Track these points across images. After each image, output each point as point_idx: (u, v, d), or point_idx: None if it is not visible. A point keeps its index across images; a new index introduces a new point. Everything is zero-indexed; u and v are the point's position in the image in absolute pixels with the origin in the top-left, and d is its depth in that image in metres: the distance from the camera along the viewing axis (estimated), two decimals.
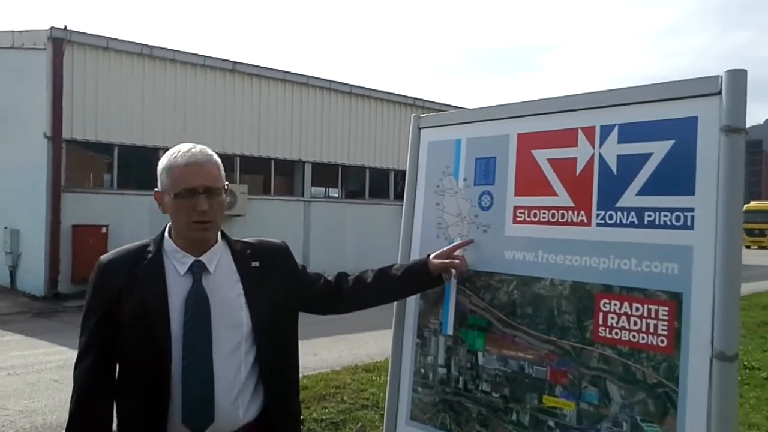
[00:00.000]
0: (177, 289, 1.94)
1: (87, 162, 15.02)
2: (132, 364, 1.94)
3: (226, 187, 2.02)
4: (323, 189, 20.46)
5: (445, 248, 2.36)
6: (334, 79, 18.05)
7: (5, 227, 14.45)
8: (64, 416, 1.98)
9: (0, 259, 14.65)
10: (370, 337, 9.44)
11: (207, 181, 1.94)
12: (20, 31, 14.41)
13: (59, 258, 13.24)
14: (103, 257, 2.05)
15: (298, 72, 17.34)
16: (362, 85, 18.72)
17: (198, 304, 1.93)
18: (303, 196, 17.64)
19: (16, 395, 6.77)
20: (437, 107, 19.93)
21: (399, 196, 19.61)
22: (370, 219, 18.73)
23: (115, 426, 2.00)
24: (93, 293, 2.00)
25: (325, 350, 8.67)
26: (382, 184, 19.54)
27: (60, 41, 13.20)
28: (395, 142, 19.44)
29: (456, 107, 20.30)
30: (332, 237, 17.73)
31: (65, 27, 13.20)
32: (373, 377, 7.10)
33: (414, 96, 19.85)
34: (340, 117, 18.26)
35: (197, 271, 1.97)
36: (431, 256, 2.34)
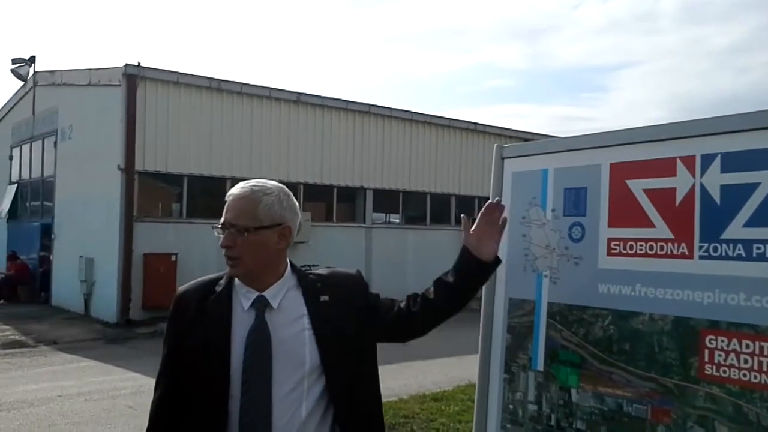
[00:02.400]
0: (240, 324, 1.93)
1: (158, 192, 15.50)
2: (193, 397, 1.94)
3: (260, 226, 1.92)
4: (384, 215, 20.52)
5: (470, 230, 2.16)
6: (394, 107, 18.17)
7: (81, 256, 14.99)
8: None
9: (75, 287, 15.18)
10: (435, 365, 9.34)
11: (231, 217, 1.92)
12: (96, 69, 15.09)
13: (131, 285, 13.62)
14: (181, 288, 2.08)
15: (360, 101, 17.56)
16: (422, 111, 18.80)
17: (259, 340, 1.91)
18: (364, 222, 17.74)
19: (93, 421, 6.96)
20: (498, 132, 19.82)
21: (459, 221, 19.48)
22: (430, 244, 18.64)
23: None
24: (168, 324, 2.05)
25: (390, 378, 8.59)
26: (442, 210, 19.47)
27: (134, 77, 13.74)
28: (456, 168, 19.39)
29: (518, 131, 20.15)
30: (394, 262, 17.71)
31: (139, 63, 13.76)
32: (442, 406, 7.01)
33: (475, 121, 19.79)
34: (400, 143, 18.35)
35: (260, 306, 1.95)
36: (465, 241, 2.16)
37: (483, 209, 2.17)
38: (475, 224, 2.16)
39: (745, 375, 1.80)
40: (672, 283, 1.99)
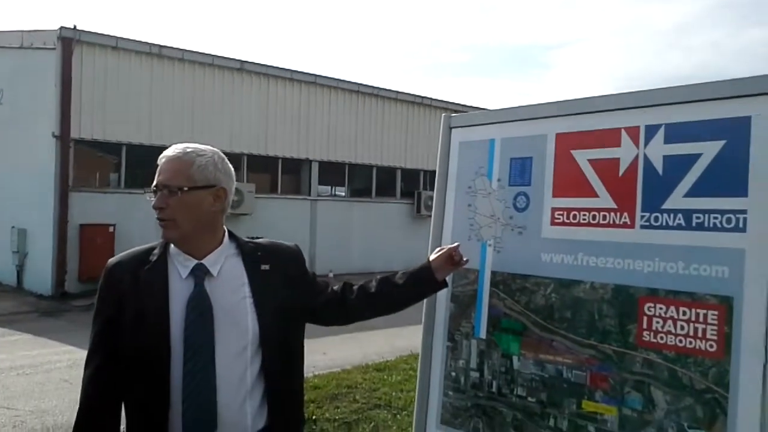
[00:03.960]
0: (179, 293, 1.89)
1: (95, 161, 15.00)
2: (133, 370, 1.89)
3: (194, 186, 1.89)
4: (330, 187, 20.44)
5: (445, 248, 2.28)
6: (341, 78, 18.01)
7: (12, 227, 14.40)
8: (74, 417, 1.95)
9: (7, 258, 14.60)
10: (379, 336, 9.40)
11: (163, 178, 1.89)
12: (29, 31, 14.36)
13: (66, 257, 13.21)
14: (111, 260, 2.01)
15: (306, 71, 17.31)
16: (369, 84, 18.68)
17: (200, 308, 1.87)
18: (310, 194, 17.60)
19: (26, 395, 6.75)
20: (444, 106, 19.86)
21: (405, 194, 19.58)
22: (376, 217, 18.69)
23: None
24: (99, 296, 1.98)
25: (334, 349, 8.64)
26: (388, 183, 19.49)
27: (69, 41, 13.16)
28: (402, 141, 19.40)
29: (467, 106, 20.25)
30: (339, 235, 17.69)
31: (74, 27, 13.16)
32: (385, 376, 7.07)
33: (422, 95, 19.79)
34: (347, 115, 18.21)
35: (199, 274, 1.91)
36: (431, 258, 2.28)
37: (455, 250, 2.28)
38: (443, 250, 2.28)
39: (681, 341, 1.85)
40: (613, 252, 2.02)
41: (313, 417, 5.58)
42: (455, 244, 2.30)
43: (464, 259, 2.28)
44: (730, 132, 1.81)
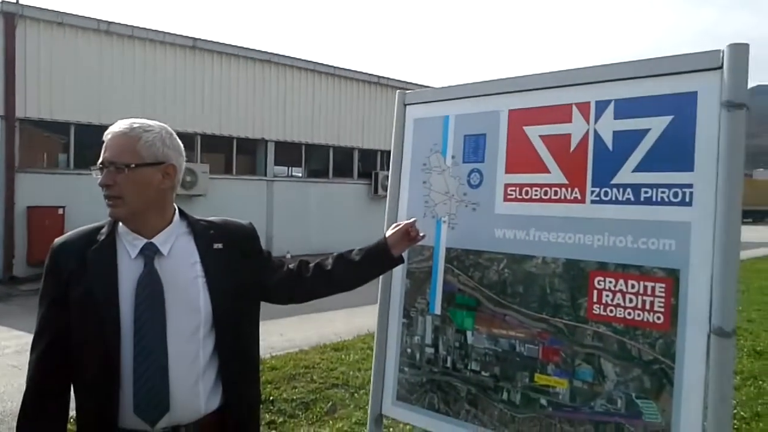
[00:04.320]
0: (128, 273, 1.85)
1: (42, 141, 14.55)
2: (82, 352, 1.85)
3: (141, 163, 1.84)
4: (286, 168, 20.26)
5: (401, 224, 2.28)
6: (297, 56, 17.78)
7: None
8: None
9: None
10: (336, 316, 9.41)
11: (110, 155, 1.83)
12: None
13: (14, 241, 12.83)
14: (57, 240, 1.95)
15: (261, 49, 17.04)
16: (326, 63, 18.50)
17: (150, 288, 1.84)
18: (266, 175, 17.41)
19: None
20: (401, 85, 19.81)
21: (363, 175, 19.54)
22: (333, 198, 18.62)
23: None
24: (45, 277, 1.92)
25: (291, 330, 8.61)
26: (346, 163, 19.42)
27: (11, 15, 12.64)
28: (359, 121, 19.31)
29: (423, 85, 20.24)
30: (296, 216, 17.58)
31: (17, 1, 12.67)
32: (343, 356, 7.08)
33: (378, 74, 19.70)
34: (303, 95, 18.02)
35: (149, 254, 1.87)
36: (387, 234, 2.27)
37: (412, 225, 2.28)
38: (399, 227, 2.27)
39: (629, 314, 1.89)
40: (565, 227, 2.05)
41: (271, 398, 5.56)
42: (412, 219, 2.29)
43: (420, 234, 2.28)
44: (677, 107, 1.84)
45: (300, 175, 19.19)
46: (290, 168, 20.35)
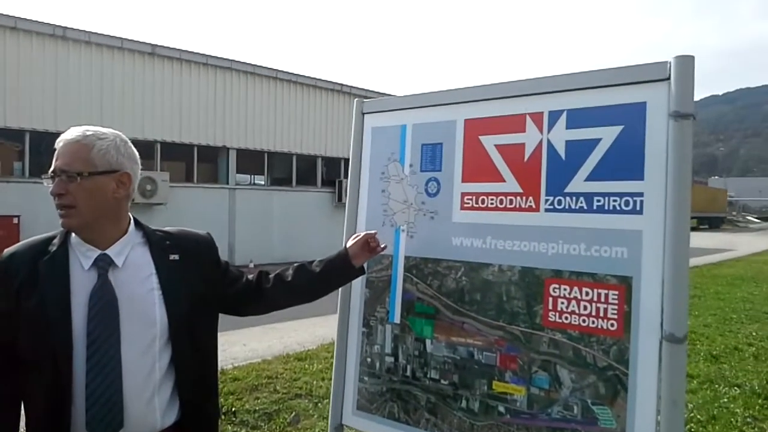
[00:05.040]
0: (81, 285, 1.80)
1: None
2: (32, 366, 1.80)
3: (95, 171, 1.81)
4: (249, 176, 20.10)
5: (361, 235, 2.29)
6: (258, 64, 17.69)
7: None
8: None
9: None
10: (300, 325, 9.34)
11: (62, 163, 1.80)
12: None
13: None
14: (6, 250, 1.90)
15: (221, 56, 16.90)
16: (288, 70, 18.44)
17: (103, 300, 1.79)
18: (228, 183, 17.26)
19: None
20: (364, 94, 19.84)
21: (326, 183, 19.50)
22: (297, 206, 18.55)
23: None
24: None
25: (254, 340, 8.52)
26: (309, 171, 19.35)
27: None
28: (322, 128, 19.29)
29: (385, 94, 20.30)
30: (259, 225, 17.46)
31: None
32: (306, 366, 7.03)
33: (341, 82, 19.71)
34: (265, 103, 17.93)
35: (102, 265, 1.83)
36: (348, 245, 2.29)
37: (372, 236, 2.30)
38: (358, 238, 2.29)
39: (584, 321, 1.91)
40: (520, 235, 2.07)
41: (233, 409, 5.49)
42: (372, 231, 2.30)
43: (381, 245, 2.28)
44: (627, 117, 1.87)
45: (263, 183, 19.07)
46: (253, 176, 20.22)
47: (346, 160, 19.25)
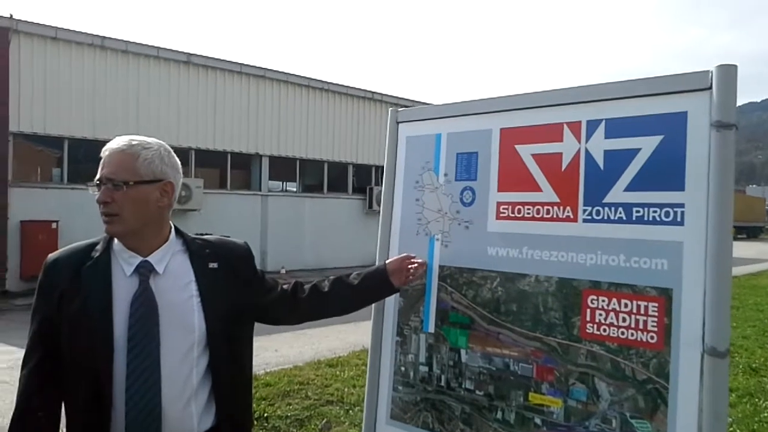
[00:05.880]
0: (123, 291, 1.84)
1: (36, 156, 14.53)
2: (74, 370, 1.84)
3: (140, 180, 1.84)
4: (281, 183, 20.26)
5: (397, 257, 2.34)
6: (291, 72, 17.85)
7: None
8: None
9: None
10: (330, 332, 9.38)
11: (108, 172, 1.83)
12: None
13: (7, 255, 12.78)
14: (50, 256, 1.94)
15: (255, 65, 17.11)
16: (320, 78, 18.57)
17: (144, 307, 1.83)
18: (260, 190, 17.42)
19: None
20: (395, 101, 19.90)
21: (357, 190, 19.57)
22: (328, 213, 18.64)
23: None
24: (38, 293, 1.91)
25: (285, 346, 8.58)
26: (340, 178, 19.44)
27: (6, 30, 12.69)
28: (353, 136, 19.38)
29: (416, 101, 20.32)
30: (290, 231, 17.57)
31: (11, 15, 12.72)
32: (337, 372, 7.05)
33: (372, 90, 19.80)
34: (297, 110, 18.08)
35: (144, 272, 1.86)
36: (387, 262, 2.32)
37: (412, 260, 2.35)
38: (397, 257, 2.35)
39: (623, 333, 1.88)
40: (557, 245, 2.05)
41: (265, 414, 5.53)
42: (413, 255, 2.36)
43: (416, 273, 2.34)
44: (667, 127, 1.84)
45: (294, 189, 19.22)
46: (285, 183, 20.38)
47: (377, 167, 19.48)
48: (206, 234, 2.12)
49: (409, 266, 2.31)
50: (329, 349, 8.41)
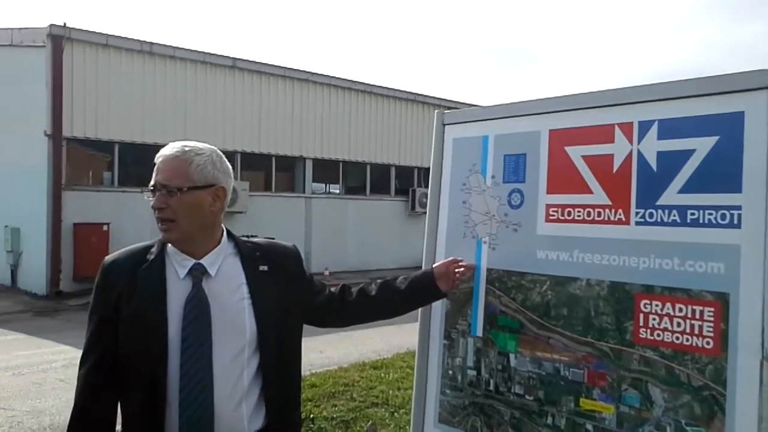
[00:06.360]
0: (176, 293, 1.88)
1: (87, 160, 14.92)
2: (129, 370, 1.88)
3: (193, 186, 1.87)
4: (324, 185, 20.40)
5: (444, 261, 2.34)
6: (334, 75, 17.96)
7: (6, 226, 14.35)
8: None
9: (1, 257, 14.55)
10: (375, 333, 9.40)
11: (162, 178, 1.86)
12: (19, 29, 14.27)
13: (60, 256, 13.16)
14: (108, 258, 1.99)
15: (299, 68, 17.27)
16: (363, 81, 18.65)
17: (197, 309, 1.86)
18: (304, 192, 17.58)
19: (22, 395, 6.72)
20: (438, 102, 19.83)
21: (400, 191, 19.57)
22: (371, 214, 18.69)
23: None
24: (95, 295, 1.96)
25: (330, 347, 8.63)
26: (383, 180, 19.48)
27: (59, 38, 13.09)
28: (396, 138, 19.39)
29: (460, 102, 20.23)
30: (333, 233, 17.68)
31: (64, 24, 13.10)
32: (382, 374, 7.06)
33: (415, 92, 19.77)
34: (340, 113, 18.18)
35: (197, 274, 1.90)
36: (434, 266, 2.32)
37: (458, 263, 2.35)
38: (444, 261, 2.35)
39: (677, 338, 1.84)
40: (609, 248, 2.01)
41: (311, 416, 5.57)
42: (459, 258, 2.36)
43: (461, 275, 2.34)
44: (723, 128, 1.80)
45: (338, 191, 19.31)
46: (328, 185, 20.50)
47: (420, 169, 19.46)
48: (252, 236, 2.15)
49: (456, 270, 2.30)
50: (374, 351, 8.43)
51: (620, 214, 2.00)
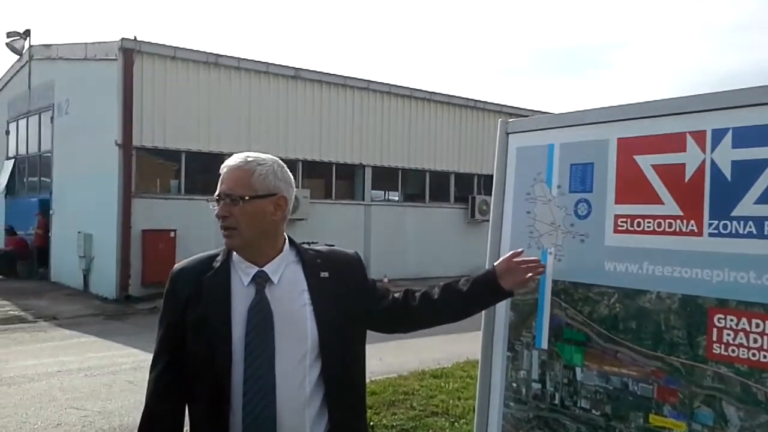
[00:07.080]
0: (240, 300, 1.92)
1: (156, 168, 15.41)
2: (196, 374, 1.94)
3: (255, 195, 1.91)
4: (383, 192, 20.48)
5: (505, 256, 2.22)
6: (394, 83, 18.03)
7: (79, 232, 14.94)
8: (139, 418, 2.03)
9: (74, 262, 15.16)
10: (435, 342, 9.32)
11: (226, 188, 1.92)
12: (93, 43, 14.91)
13: (130, 262, 13.62)
14: (176, 266, 2.06)
15: (359, 77, 17.42)
16: (422, 89, 18.66)
17: (261, 315, 1.90)
18: (363, 199, 17.69)
19: (93, 396, 6.97)
20: (498, 109, 19.67)
21: (459, 199, 19.46)
22: (430, 222, 18.64)
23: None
24: (164, 301, 2.03)
25: (390, 355, 8.61)
26: (441, 187, 19.42)
27: (130, 52, 13.60)
28: (455, 145, 19.30)
29: (521, 109, 20.00)
30: (393, 240, 17.71)
31: (135, 38, 13.60)
32: (442, 383, 7.01)
33: (475, 98, 19.65)
34: (400, 120, 18.24)
35: (260, 281, 1.94)
36: (496, 264, 2.22)
37: (522, 257, 2.21)
38: (506, 257, 2.22)
39: (754, 355, 1.77)
40: (680, 260, 1.95)
41: (371, 423, 5.59)
42: (519, 250, 2.23)
43: (531, 266, 2.20)
44: None
45: (397, 199, 19.34)
46: (387, 192, 20.55)
47: (479, 176, 19.32)
48: (313, 243, 2.18)
49: (521, 265, 2.19)
50: (433, 360, 8.38)
51: (692, 225, 1.94)
